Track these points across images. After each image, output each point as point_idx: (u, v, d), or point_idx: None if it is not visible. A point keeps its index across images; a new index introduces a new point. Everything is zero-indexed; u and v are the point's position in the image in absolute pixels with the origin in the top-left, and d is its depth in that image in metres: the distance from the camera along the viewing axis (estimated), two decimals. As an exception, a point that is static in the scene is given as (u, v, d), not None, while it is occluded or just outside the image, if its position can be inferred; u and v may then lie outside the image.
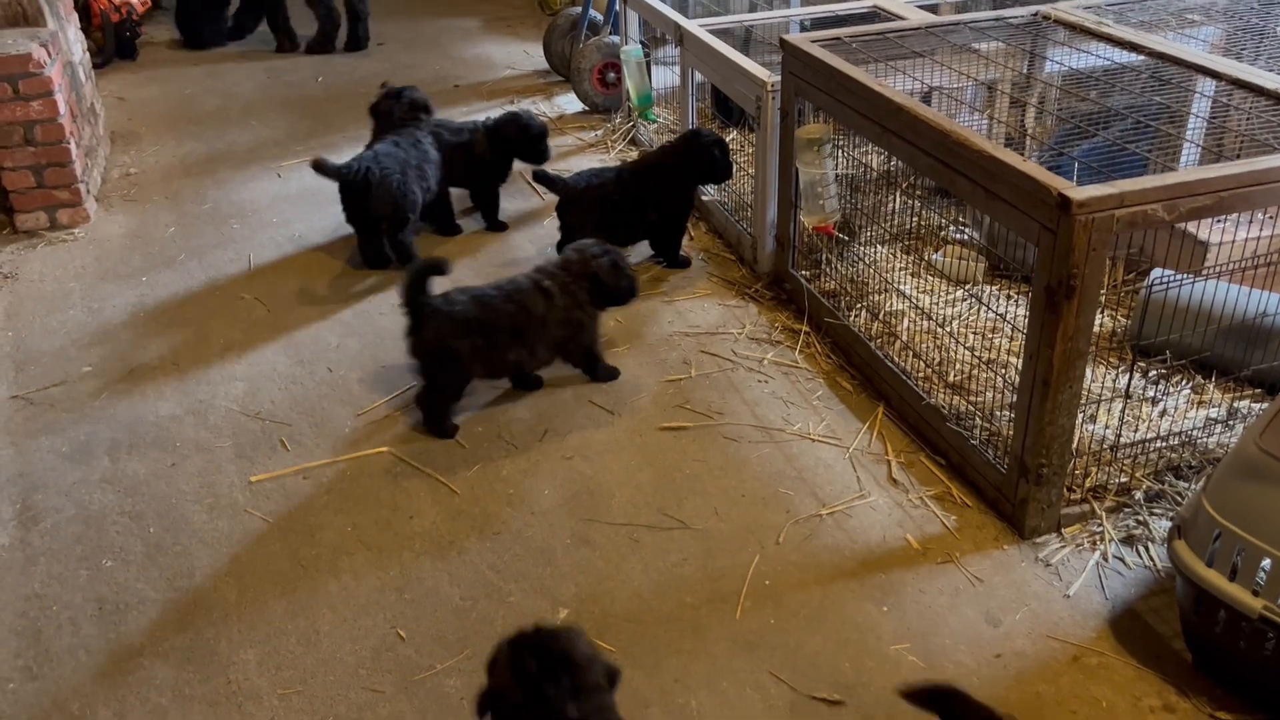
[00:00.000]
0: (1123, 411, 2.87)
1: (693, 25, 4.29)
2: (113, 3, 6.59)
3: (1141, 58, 3.30)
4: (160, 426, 3.27)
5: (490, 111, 5.74)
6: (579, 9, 5.94)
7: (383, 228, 4.00)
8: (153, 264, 4.24)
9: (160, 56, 6.82)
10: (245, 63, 6.69)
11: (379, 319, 3.81)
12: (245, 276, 4.12)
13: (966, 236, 3.91)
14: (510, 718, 1.78)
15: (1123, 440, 2.84)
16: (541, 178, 3.96)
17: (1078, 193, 2.32)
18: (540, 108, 5.79)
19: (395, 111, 4.21)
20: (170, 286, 4.06)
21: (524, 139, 4.29)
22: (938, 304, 3.51)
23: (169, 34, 7.22)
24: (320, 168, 3.86)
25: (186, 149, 5.34)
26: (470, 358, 3.13)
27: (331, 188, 4.00)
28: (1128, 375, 2.97)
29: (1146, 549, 2.66)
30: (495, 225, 4.42)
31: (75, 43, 5.04)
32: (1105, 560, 2.64)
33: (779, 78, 3.61)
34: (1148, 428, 2.92)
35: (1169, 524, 2.68)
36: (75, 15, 5.17)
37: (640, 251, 4.15)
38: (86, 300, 3.98)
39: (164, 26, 7.39)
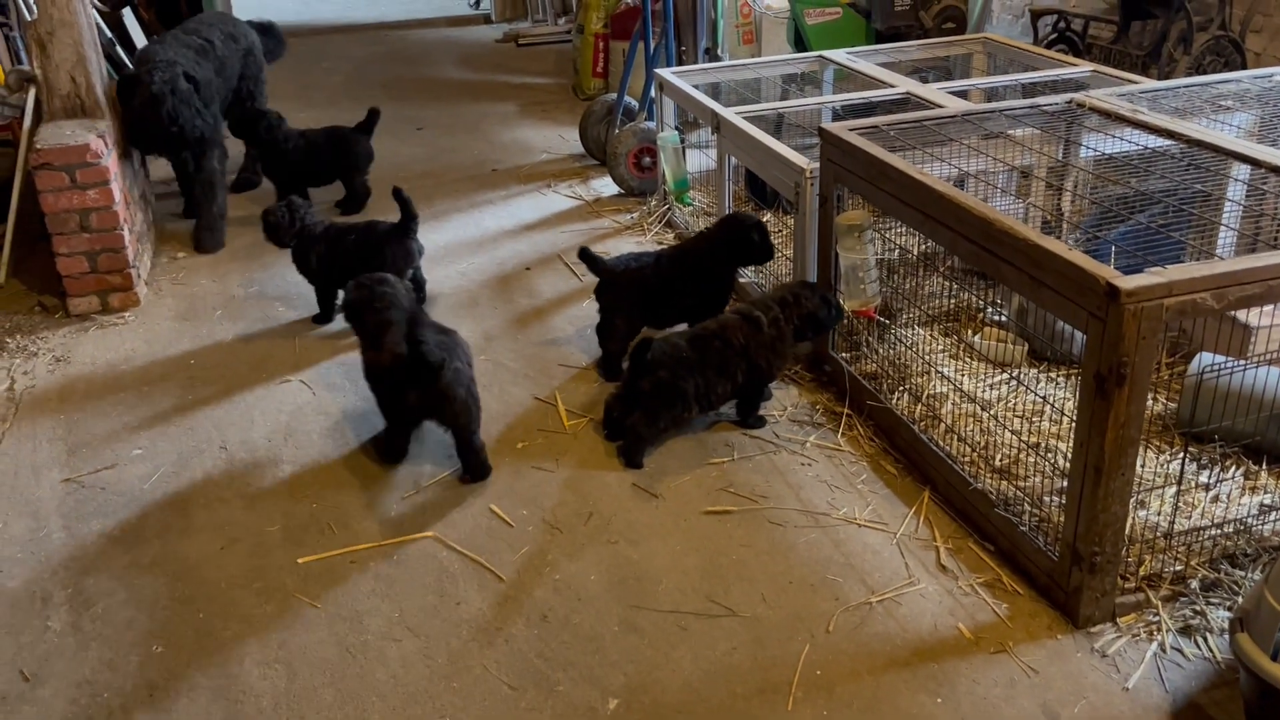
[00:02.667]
0: (1176, 498, 2.85)
1: (730, 113, 4.39)
2: (163, 92, 6.83)
3: (1176, 143, 3.35)
4: (209, 509, 3.30)
5: (527, 195, 5.89)
6: (614, 95, 6.10)
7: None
8: (200, 347, 4.32)
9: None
10: (288, 148, 6.87)
11: (423, 401, 3.85)
12: (291, 360, 4.19)
13: (1004, 318, 3.93)
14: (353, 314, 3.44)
15: (1176, 527, 2.81)
16: (585, 257, 4.00)
17: (1126, 282, 2.34)
18: (576, 190, 5.91)
19: None
20: (218, 370, 4.14)
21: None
22: (980, 387, 3.52)
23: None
24: None
25: (232, 233, 5.47)
26: (692, 397, 3.41)
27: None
28: (1180, 461, 2.95)
29: (1205, 640, 2.61)
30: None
31: (130, 132, 5.22)
32: (1164, 651, 2.59)
33: (817, 164, 3.68)
34: (1201, 514, 2.89)
35: (1227, 614, 2.64)
36: (130, 106, 5.36)
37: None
38: (136, 383, 4.06)
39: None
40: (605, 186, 5.91)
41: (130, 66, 6.69)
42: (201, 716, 2.54)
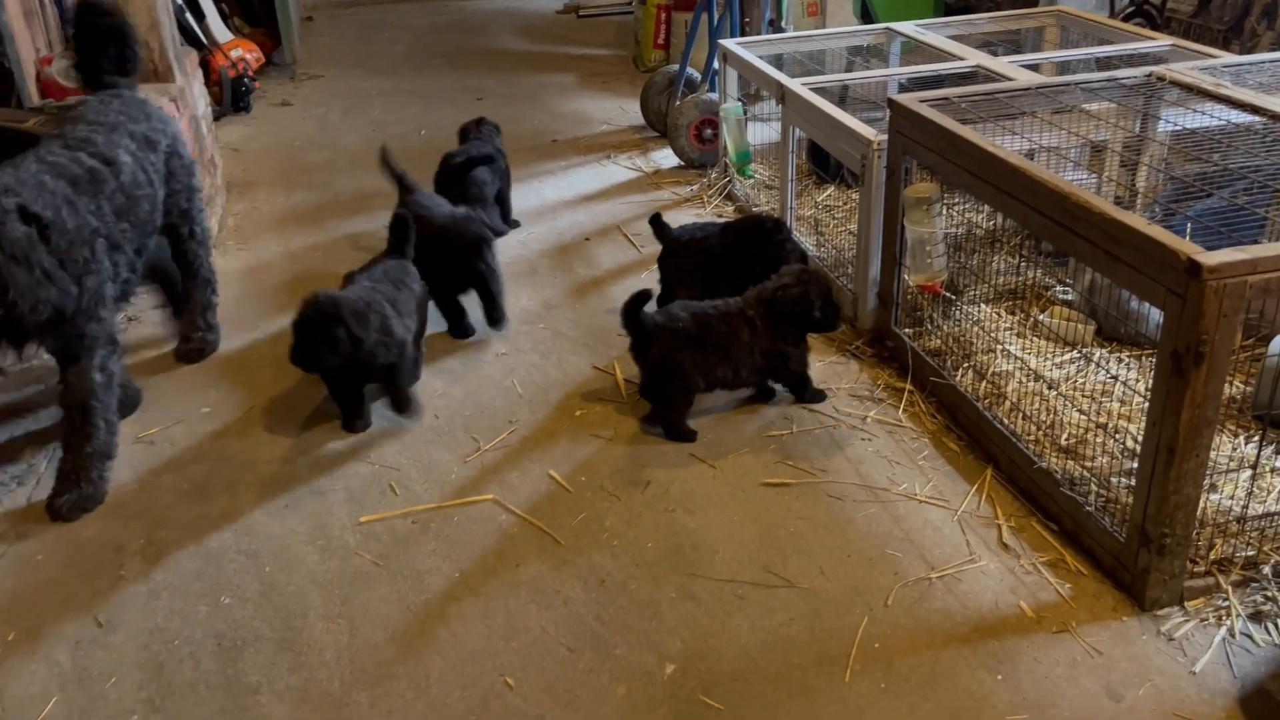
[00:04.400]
0: (1251, 481, 2.78)
1: (795, 84, 4.34)
2: (229, 59, 6.93)
3: (1260, 119, 3.24)
4: (274, 467, 3.36)
5: (587, 165, 5.89)
6: (676, 66, 6.06)
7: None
8: (266, 310, 4.39)
9: (271, 111, 7.13)
10: (349, 117, 6.95)
11: (483, 366, 3.88)
12: (354, 323, 4.24)
13: (1072, 296, 3.85)
14: None
15: (1250, 512, 2.74)
16: (656, 224, 3.98)
17: (1209, 258, 2.28)
18: (636, 162, 5.89)
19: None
20: (283, 332, 4.19)
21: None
22: (1045, 365, 3.45)
23: (282, 94, 7.55)
24: None
25: (297, 199, 5.55)
26: (691, 370, 3.35)
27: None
28: (1258, 445, 2.88)
29: (1276, 625, 2.55)
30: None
31: (200, 97, 5.30)
32: (1232, 636, 2.54)
33: (884, 136, 3.63)
34: (1276, 499, 2.82)
35: (1301, 601, 2.58)
36: (200, 71, 5.44)
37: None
38: (204, 343, 4.14)
39: (274, 82, 7.73)
40: (665, 158, 5.89)
41: (200, 36, 6.81)
42: (267, 667, 2.60)
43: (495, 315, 4.03)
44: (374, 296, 3.44)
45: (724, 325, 3.37)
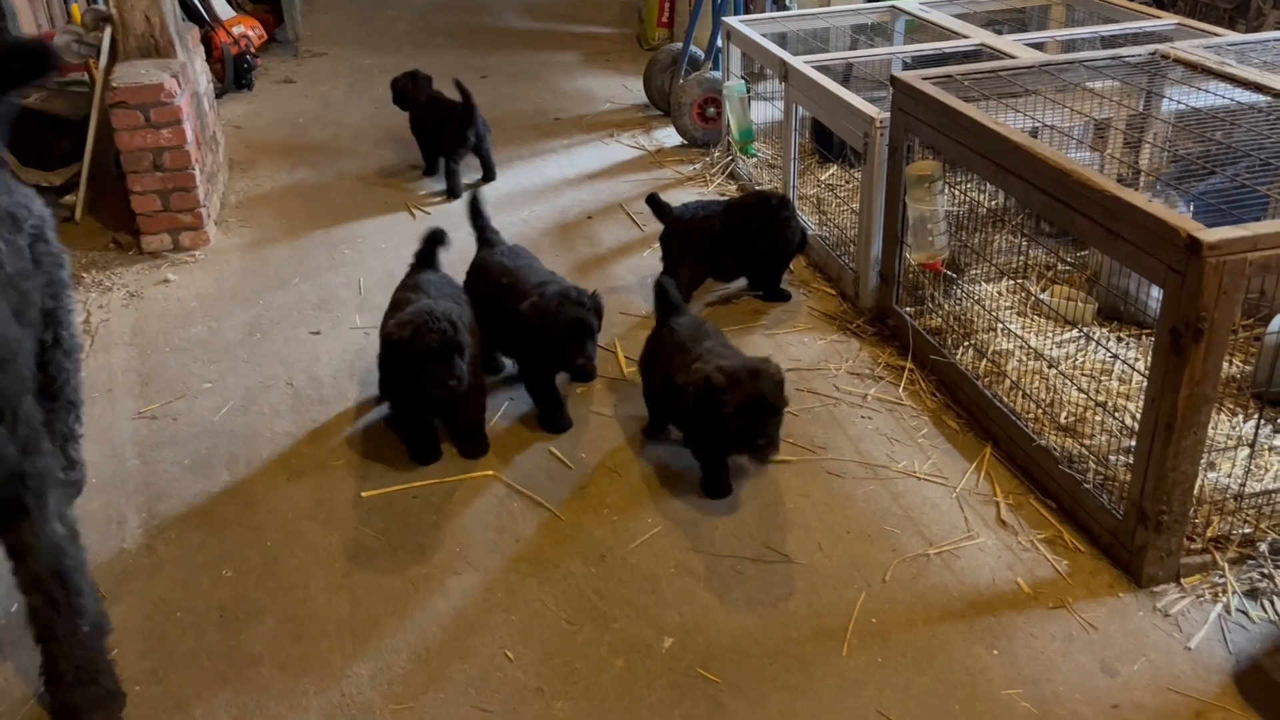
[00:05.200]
0: (1249, 460, 2.79)
1: (799, 62, 4.32)
2: (232, 35, 6.91)
3: (1264, 97, 3.23)
4: (276, 443, 3.38)
5: (589, 144, 5.88)
6: (679, 45, 6.03)
7: None
8: (268, 286, 4.40)
9: (274, 88, 7.11)
10: (352, 95, 6.93)
11: (484, 344, 3.89)
12: (355, 300, 4.25)
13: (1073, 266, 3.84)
14: None
15: (1247, 490, 2.75)
16: (653, 203, 3.99)
17: (1209, 234, 2.27)
18: (639, 140, 5.88)
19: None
20: (285, 308, 4.21)
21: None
22: (1046, 344, 3.45)
23: (284, 71, 7.53)
24: None
25: (299, 176, 5.55)
26: (650, 379, 3.28)
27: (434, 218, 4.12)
28: (1255, 423, 2.88)
29: (1272, 603, 2.57)
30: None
31: (201, 74, 5.29)
32: (1228, 613, 2.55)
33: (887, 114, 3.62)
34: (1274, 477, 2.83)
35: (1297, 578, 2.59)
36: (202, 47, 5.43)
37: (739, 283, 4.18)
38: (206, 319, 4.14)
39: (276, 59, 7.71)
40: (668, 137, 5.87)
41: (202, 12, 6.78)
42: (269, 638, 2.62)
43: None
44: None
45: (677, 360, 3.07)
